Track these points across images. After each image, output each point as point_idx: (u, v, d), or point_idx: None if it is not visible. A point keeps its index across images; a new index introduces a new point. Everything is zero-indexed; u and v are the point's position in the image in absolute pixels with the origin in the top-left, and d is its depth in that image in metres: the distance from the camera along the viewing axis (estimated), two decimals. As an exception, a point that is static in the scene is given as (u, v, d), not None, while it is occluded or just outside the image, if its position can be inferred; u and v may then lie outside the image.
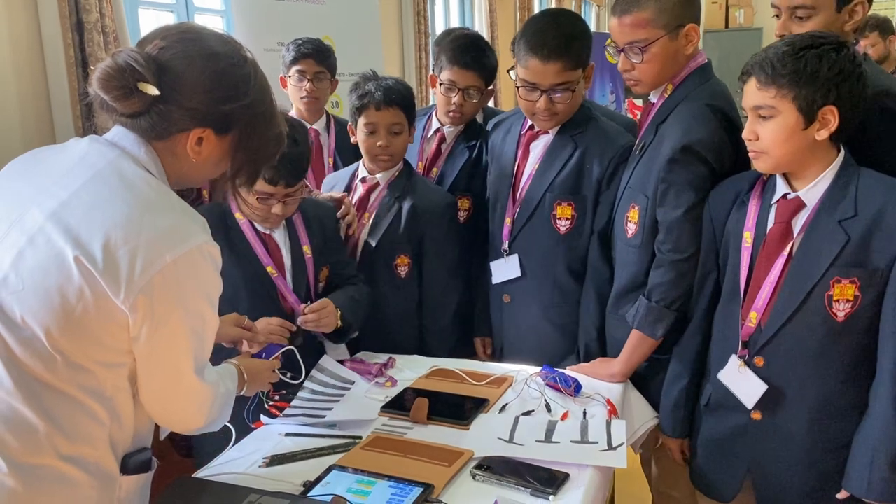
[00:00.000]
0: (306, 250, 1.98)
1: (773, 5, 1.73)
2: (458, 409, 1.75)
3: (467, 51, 2.27)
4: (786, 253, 1.54)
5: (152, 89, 1.14)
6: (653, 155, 1.83)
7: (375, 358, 2.08)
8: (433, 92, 2.40)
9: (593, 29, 8.99)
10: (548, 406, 1.76)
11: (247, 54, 1.26)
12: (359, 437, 1.64)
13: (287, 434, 1.67)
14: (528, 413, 1.73)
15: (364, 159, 2.22)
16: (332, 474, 1.47)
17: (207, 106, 1.19)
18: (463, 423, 1.68)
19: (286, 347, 1.72)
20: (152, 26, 1.29)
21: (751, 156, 1.58)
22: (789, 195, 1.56)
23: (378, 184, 2.20)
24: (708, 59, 1.89)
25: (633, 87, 1.91)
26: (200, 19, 3.67)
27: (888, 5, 8.55)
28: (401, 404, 1.78)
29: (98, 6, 2.66)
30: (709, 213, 1.72)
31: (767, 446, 1.61)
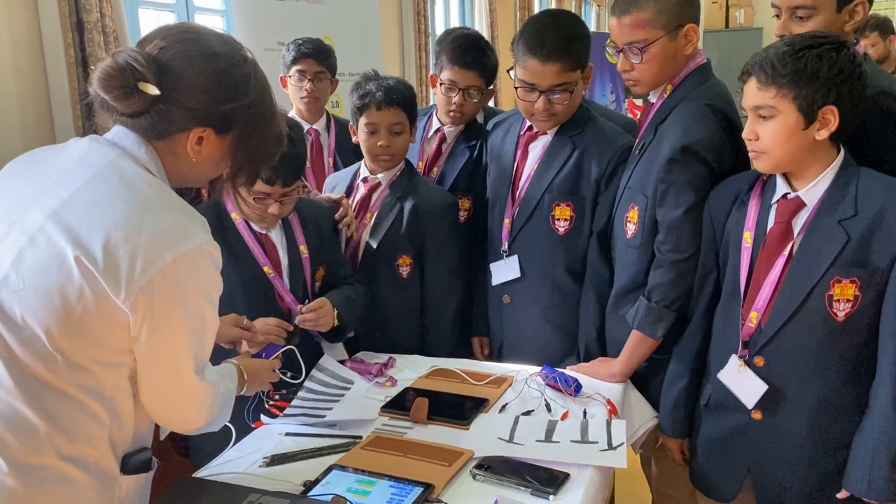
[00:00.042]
0: (303, 250, 1.98)
1: (773, 5, 1.72)
2: (459, 408, 1.75)
3: (468, 50, 2.27)
4: (786, 253, 1.54)
5: (153, 89, 1.14)
6: (652, 155, 1.82)
7: (375, 358, 2.08)
8: (433, 92, 2.40)
9: (593, 29, 8.99)
10: (548, 406, 1.76)
11: (247, 54, 1.26)
12: (359, 437, 1.64)
13: (287, 434, 1.67)
14: (528, 413, 1.73)
15: (366, 159, 2.22)
16: (333, 474, 1.47)
17: (208, 106, 1.19)
18: (463, 423, 1.68)
19: (286, 347, 1.72)
20: (152, 26, 1.29)
21: (751, 156, 1.58)
22: (789, 195, 1.56)
23: (380, 184, 2.19)
24: (707, 58, 1.88)
25: (633, 88, 1.91)
26: (200, 19, 3.68)
27: (888, 5, 8.55)
28: (401, 404, 1.78)
29: (98, 6, 2.67)
30: (709, 213, 1.72)
31: (768, 446, 1.61)
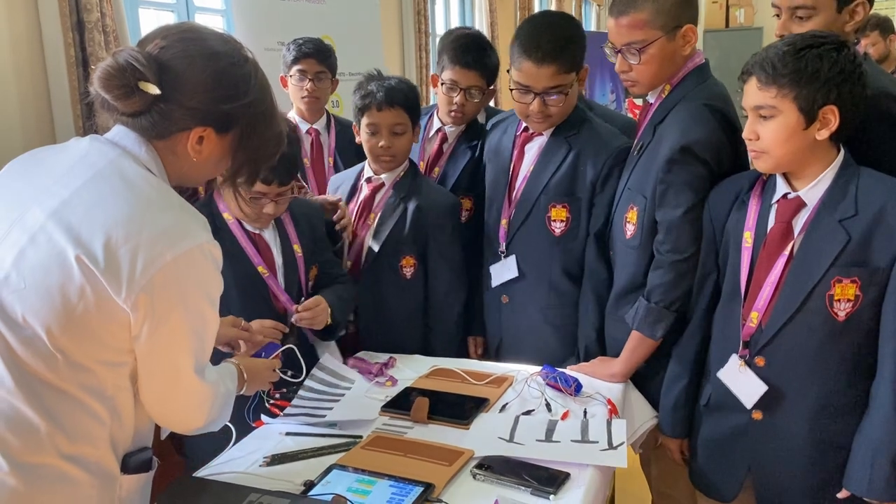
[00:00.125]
0: (297, 249, 1.98)
1: (773, 5, 1.72)
2: (459, 408, 1.75)
3: (469, 50, 2.27)
4: (786, 253, 1.54)
5: (153, 88, 1.14)
6: (651, 156, 1.82)
7: (376, 357, 2.08)
8: (434, 91, 2.40)
9: (593, 29, 8.98)
10: (548, 405, 1.76)
11: (247, 54, 1.26)
12: (359, 437, 1.64)
13: (288, 433, 1.67)
14: (528, 412, 1.73)
15: (368, 159, 2.22)
16: (333, 473, 1.47)
17: (208, 105, 1.19)
18: (463, 423, 1.68)
19: (286, 346, 1.72)
20: (153, 26, 1.29)
21: (751, 156, 1.58)
22: (789, 195, 1.56)
23: (383, 184, 2.19)
24: (706, 58, 1.88)
25: (631, 88, 1.90)
26: (201, 19, 3.68)
27: (889, 4, 8.54)
28: (401, 404, 1.78)
29: (98, 6, 2.67)
30: (708, 214, 1.72)
31: (768, 446, 1.61)
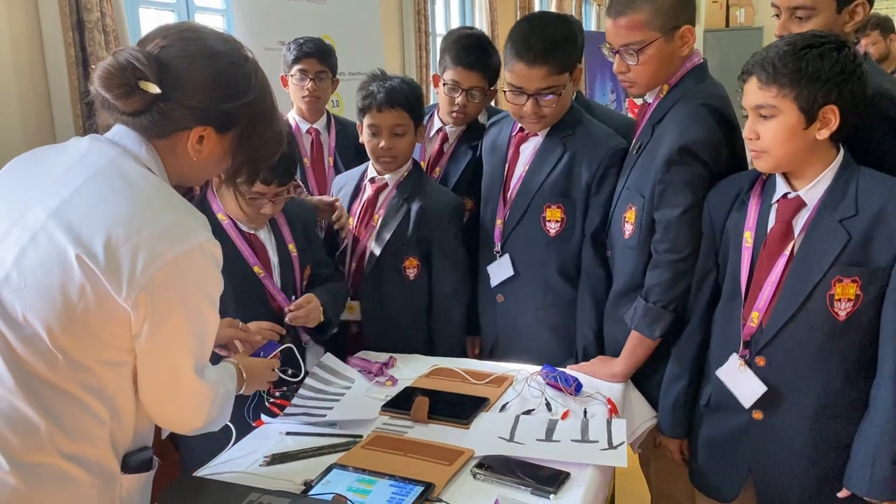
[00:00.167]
0: (291, 249, 1.98)
1: (773, 5, 1.72)
2: (459, 408, 1.74)
3: (471, 51, 2.26)
4: (787, 252, 1.54)
5: (153, 87, 1.14)
6: (650, 156, 1.82)
7: (377, 357, 2.08)
8: (434, 91, 2.40)
9: (593, 29, 8.97)
10: (548, 405, 1.76)
11: (247, 53, 1.26)
12: (359, 436, 1.64)
13: (288, 433, 1.67)
14: (528, 412, 1.73)
15: (370, 159, 2.22)
16: (333, 473, 1.47)
17: (208, 104, 1.19)
18: (463, 422, 1.68)
19: (285, 346, 1.72)
20: (153, 25, 1.29)
21: (751, 155, 1.58)
22: (790, 195, 1.56)
23: (386, 185, 2.19)
24: (704, 58, 1.88)
25: (629, 89, 1.90)
26: (201, 18, 3.68)
27: (889, 4, 8.54)
28: (401, 403, 1.78)
29: (99, 5, 2.67)
30: (708, 213, 1.72)
31: (769, 446, 1.61)
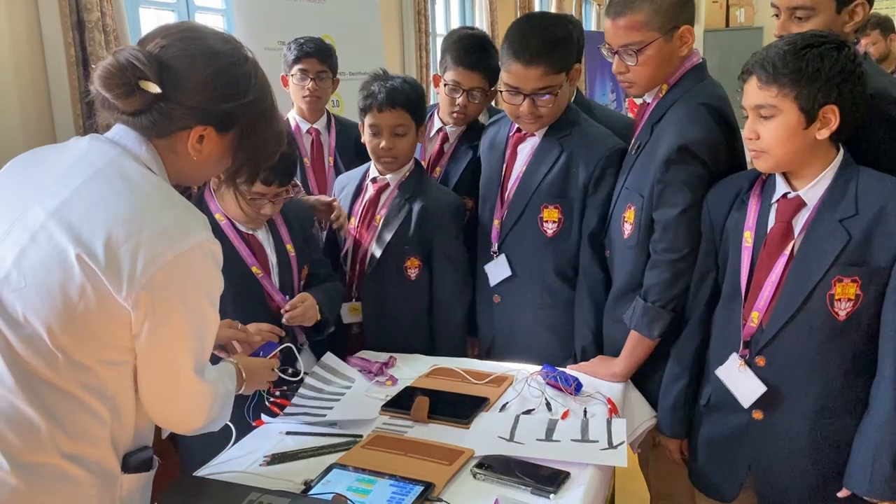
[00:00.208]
0: (289, 249, 1.98)
1: (772, 5, 1.72)
2: (459, 407, 1.75)
3: (472, 52, 2.26)
4: (787, 252, 1.54)
5: (154, 87, 1.14)
6: (649, 155, 1.82)
7: (377, 357, 2.08)
8: (435, 91, 2.40)
9: (593, 29, 8.96)
10: (548, 405, 1.76)
11: (247, 53, 1.26)
12: (359, 436, 1.64)
13: (288, 433, 1.67)
14: (528, 412, 1.73)
15: (372, 159, 2.22)
16: (333, 473, 1.47)
17: (208, 104, 1.19)
18: (463, 422, 1.68)
19: (284, 345, 1.72)
20: (153, 25, 1.29)
21: (751, 155, 1.58)
22: (789, 194, 1.56)
23: (388, 184, 2.19)
24: (703, 58, 1.88)
25: (628, 89, 1.90)
26: (201, 18, 3.68)
27: (889, 4, 8.54)
28: (401, 403, 1.78)
29: (99, 5, 2.67)
30: (707, 213, 1.72)
31: (769, 446, 1.61)
